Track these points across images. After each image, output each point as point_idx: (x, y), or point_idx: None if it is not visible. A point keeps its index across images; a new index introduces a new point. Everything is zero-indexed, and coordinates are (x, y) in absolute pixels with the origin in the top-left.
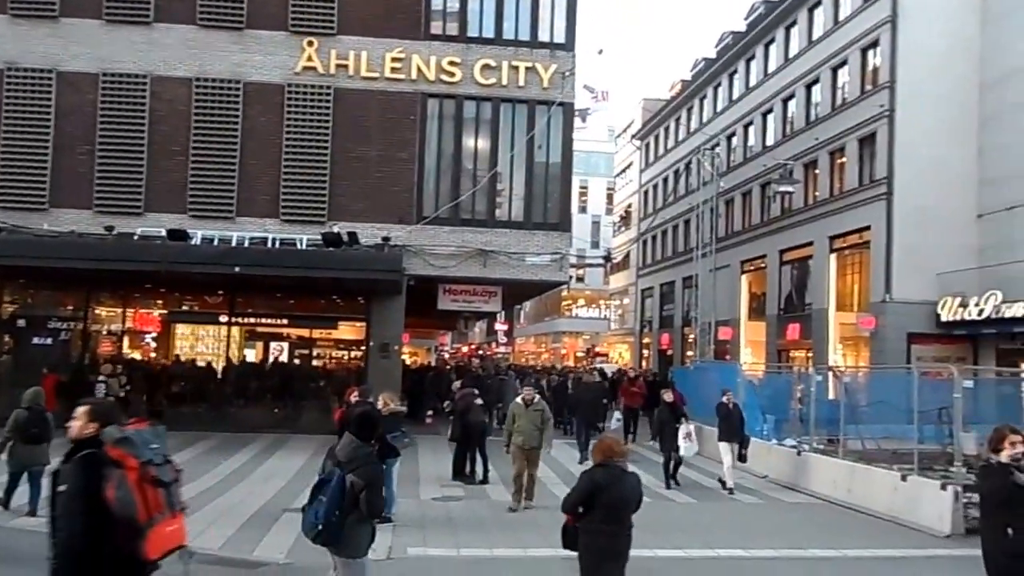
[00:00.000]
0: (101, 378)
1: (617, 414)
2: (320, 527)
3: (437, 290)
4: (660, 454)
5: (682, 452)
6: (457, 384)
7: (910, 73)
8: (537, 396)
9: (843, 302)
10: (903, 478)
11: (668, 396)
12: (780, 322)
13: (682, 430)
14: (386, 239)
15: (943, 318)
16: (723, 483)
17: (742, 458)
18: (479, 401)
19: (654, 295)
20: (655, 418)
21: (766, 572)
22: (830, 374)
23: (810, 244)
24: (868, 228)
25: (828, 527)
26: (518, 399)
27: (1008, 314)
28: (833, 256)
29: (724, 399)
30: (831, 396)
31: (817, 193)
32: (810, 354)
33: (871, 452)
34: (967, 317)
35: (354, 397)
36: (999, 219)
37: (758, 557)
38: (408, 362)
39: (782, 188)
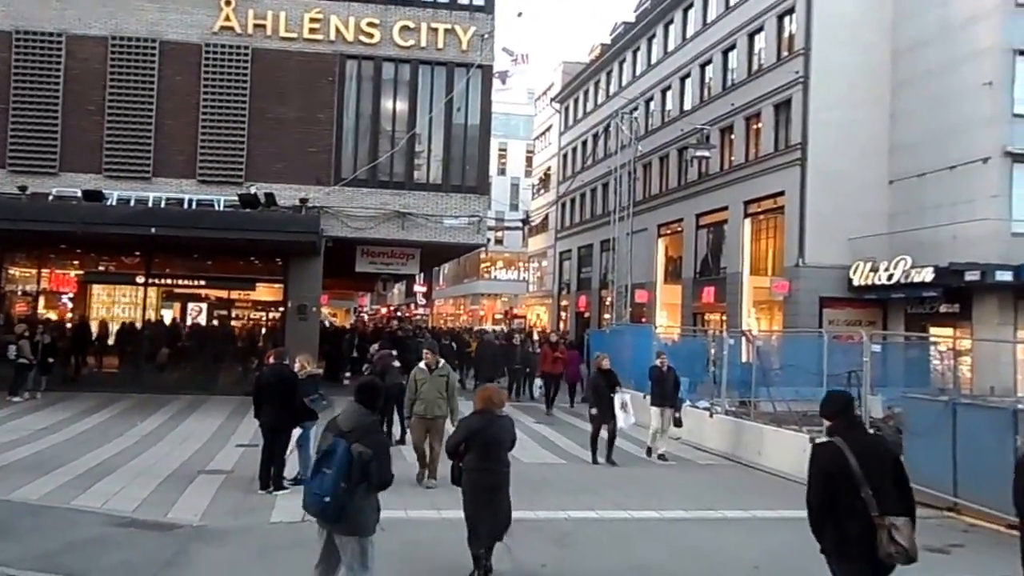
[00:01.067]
0: (15, 339)
1: (539, 382)
2: (327, 500)
3: (355, 252)
4: (585, 422)
5: (620, 423)
6: (375, 346)
7: (824, 40)
8: (442, 361)
9: (757, 266)
10: (812, 440)
11: (604, 363)
12: (696, 285)
13: (618, 399)
14: (304, 200)
15: (855, 282)
16: (650, 451)
17: (677, 422)
18: (397, 363)
19: (572, 258)
20: (588, 386)
21: (676, 533)
22: (743, 337)
23: (725, 209)
24: (782, 193)
25: (738, 488)
26: (421, 363)
27: (917, 279)
28: (748, 221)
29: (658, 362)
30: (744, 359)
31: (733, 158)
32: (724, 317)
33: (782, 414)
34: (878, 282)
35: (271, 359)
36: (910, 185)
37: (669, 518)
38: (333, 323)
39: (699, 153)
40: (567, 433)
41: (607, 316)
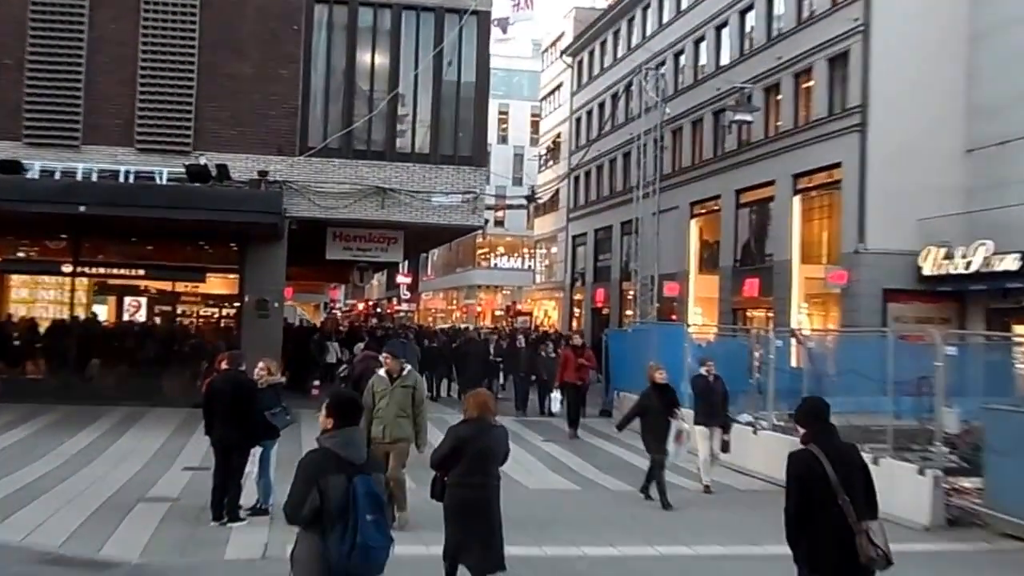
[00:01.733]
0: None
1: (556, 395)
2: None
3: (326, 235)
4: (603, 439)
5: (670, 456)
6: (359, 346)
7: None
8: (407, 367)
9: (809, 253)
10: (875, 461)
11: (660, 375)
12: (735, 276)
13: (674, 427)
14: (263, 174)
15: (925, 272)
16: (708, 488)
17: (725, 447)
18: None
19: (587, 243)
20: (639, 405)
21: (712, 573)
22: (793, 338)
23: (771, 184)
24: (838, 165)
25: None
26: (380, 371)
27: (1000, 267)
28: (798, 198)
29: (703, 370)
30: (794, 364)
31: (780, 123)
32: (770, 314)
33: (839, 429)
34: (952, 271)
35: (223, 364)
36: (991, 155)
37: (705, 555)
38: (306, 321)
39: (739, 117)
40: (581, 452)
41: (629, 313)
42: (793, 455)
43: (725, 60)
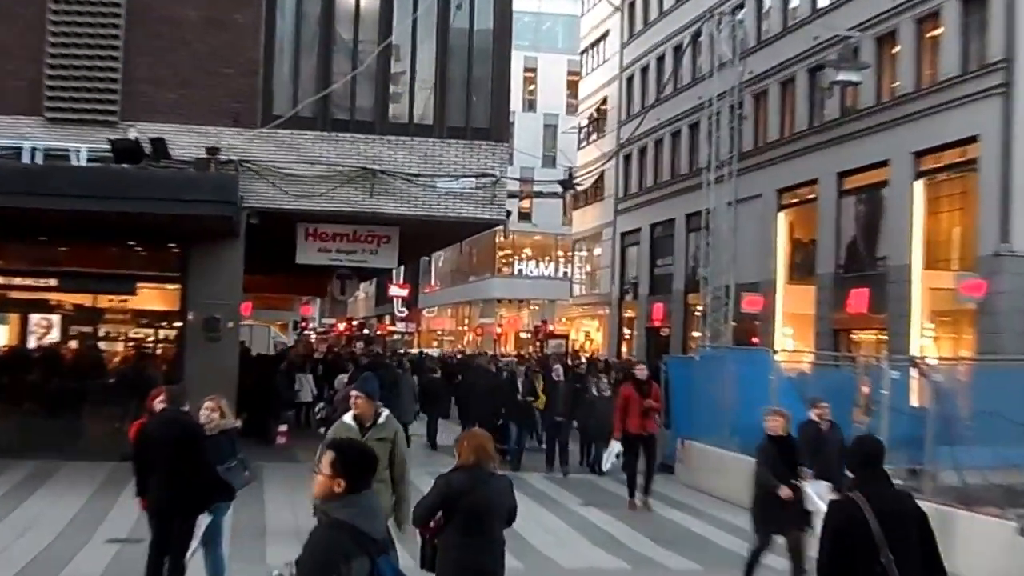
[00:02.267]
0: None
1: (616, 447)
2: None
3: (296, 233)
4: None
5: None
6: (343, 379)
7: None
8: (384, 412)
9: (935, 255)
10: (1022, 531)
11: (779, 423)
12: (838, 286)
13: (811, 491)
14: (214, 151)
15: None
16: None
17: None
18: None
19: (642, 242)
20: (762, 464)
21: None
22: (913, 368)
23: (884, 165)
24: (974, 140)
25: None
26: (346, 417)
27: None
28: (920, 183)
29: (813, 414)
30: (914, 403)
31: (896, 84)
32: (883, 336)
33: (975, 490)
34: None
35: (159, 403)
36: None
37: None
38: (280, 346)
39: (842, 76)
40: (634, 520)
41: (696, 334)
42: (833, 504)
43: (823, 1)
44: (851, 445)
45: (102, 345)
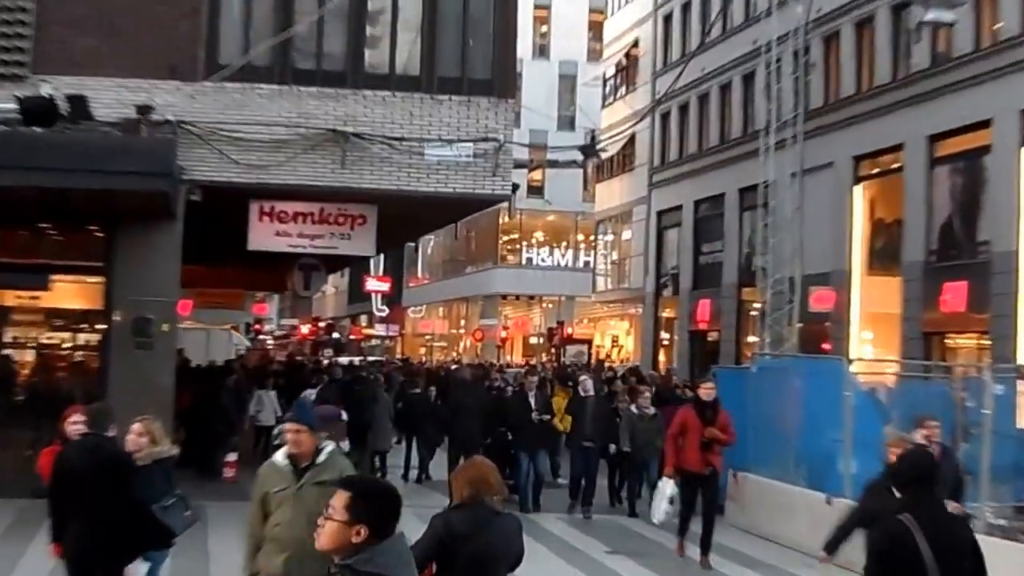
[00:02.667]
0: None
1: (669, 488)
2: None
3: (248, 213)
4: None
5: None
6: (310, 394)
7: None
8: (327, 445)
9: None
10: None
11: (926, 434)
12: (929, 279)
13: None
14: (145, 110)
15: None
16: None
17: None
18: (344, 443)
19: (683, 224)
20: (864, 508)
21: None
22: (1022, 381)
23: (986, 125)
24: None
25: None
26: (277, 456)
27: None
28: None
29: (920, 435)
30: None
31: (999, 26)
32: (986, 341)
33: None
34: None
35: (75, 425)
36: None
37: None
38: (240, 351)
39: (932, 15)
40: (673, 573)
41: (753, 339)
42: (879, 526)
43: None
44: (898, 459)
45: (7, 353)
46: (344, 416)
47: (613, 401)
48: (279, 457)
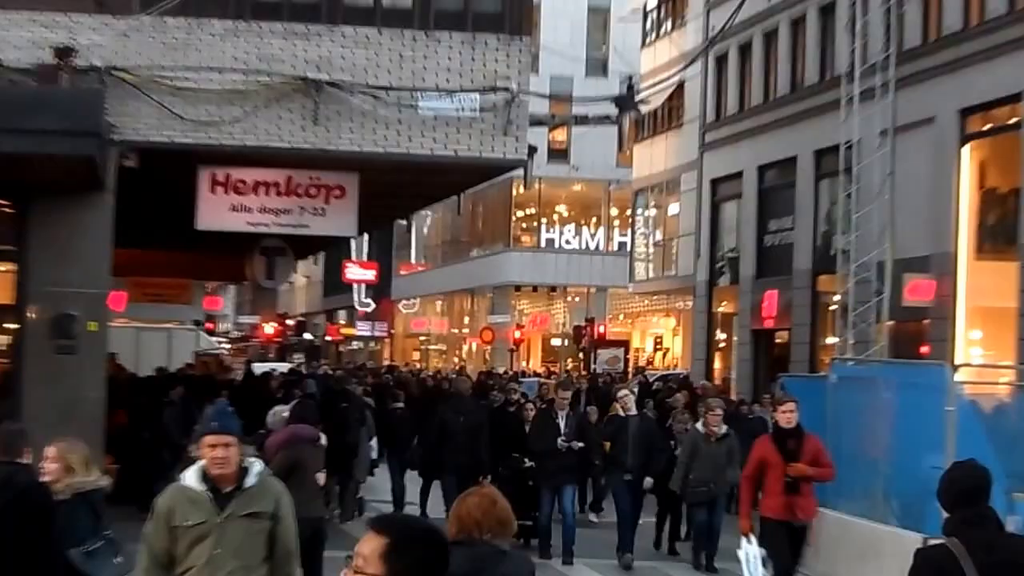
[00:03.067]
0: None
1: (751, 549)
2: None
3: (197, 182)
4: None
5: None
6: (280, 414)
7: None
8: (257, 467)
9: None
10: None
11: None
12: None
13: None
14: (65, 53)
15: None
16: None
17: None
18: (319, 475)
19: (744, 195)
20: None
21: None
22: None
23: None
24: None
25: None
26: (188, 475)
27: None
28: None
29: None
30: None
31: None
32: None
33: None
34: None
35: None
36: None
37: None
38: (207, 355)
39: None
40: None
41: (832, 340)
42: (920, 552)
43: None
44: (942, 477)
45: None
46: (324, 440)
47: (667, 420)
48: (191, 480)
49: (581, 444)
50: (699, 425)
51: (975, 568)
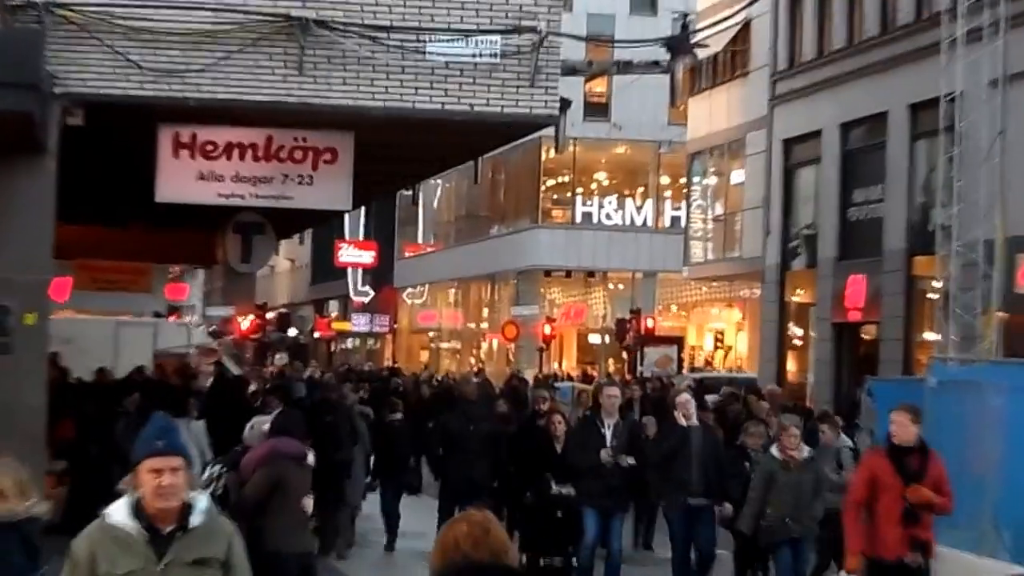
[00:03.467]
0: None
1: None
2: None
3: (157, 145)
4: None
5: None
6: (259, 427)
7: None
8: (201, 503)
9: None
10: None
11: None
12: None
13: None
14: None
15: None
16: None
17: None
18: (307, 502)
19: (824, 159)
20: None
21: None
22: None
23: None
24: None
25: None
26: (114, 510)
27: None
28: None
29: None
30: None
31: None
32: None
33: None
34: None
35: None
36: None
37: None
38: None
39: None
40: None
41: (932, 336)
42: None
43: None
44: None
45: None
46: (311, 458)
47: (736, 436)
48: (120, 516)
49: (632, 460)
50: (773, 449)
51: None
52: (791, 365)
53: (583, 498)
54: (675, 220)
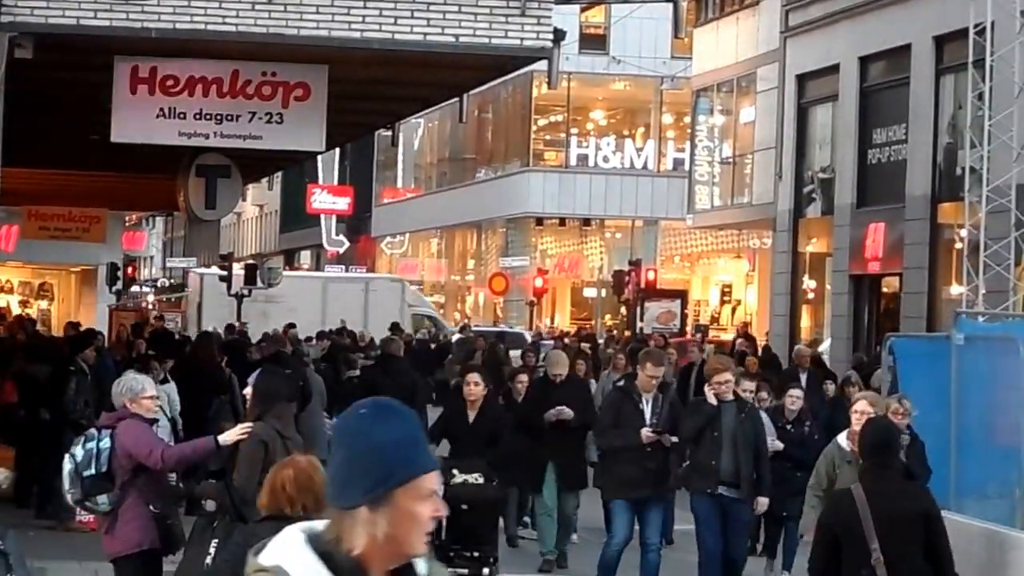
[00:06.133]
0: None
1: None
2: None
3: (113, 81)
4: None
5: None
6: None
7: None
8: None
9: None
10: None
11: None
12: None
13: None
14: None
15: None
16: None
17: None
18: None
19: (842, 96)
20: None
21: None
22: None
23: None
24: None
25: None
26: None
27: None
28: None
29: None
30: None
31: None
32: None
33: None
34: None
35: None
36: None
37: None
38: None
39: None
40: None
41: (958, 291)
42: (832, 496)
43: None
44: (860, 430)
45: None
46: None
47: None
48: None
49: (675, 439)
50: (841, 439)
51: (871, 511)
52: (805, 321)
53: (611, 486)
54: (678, 163)
